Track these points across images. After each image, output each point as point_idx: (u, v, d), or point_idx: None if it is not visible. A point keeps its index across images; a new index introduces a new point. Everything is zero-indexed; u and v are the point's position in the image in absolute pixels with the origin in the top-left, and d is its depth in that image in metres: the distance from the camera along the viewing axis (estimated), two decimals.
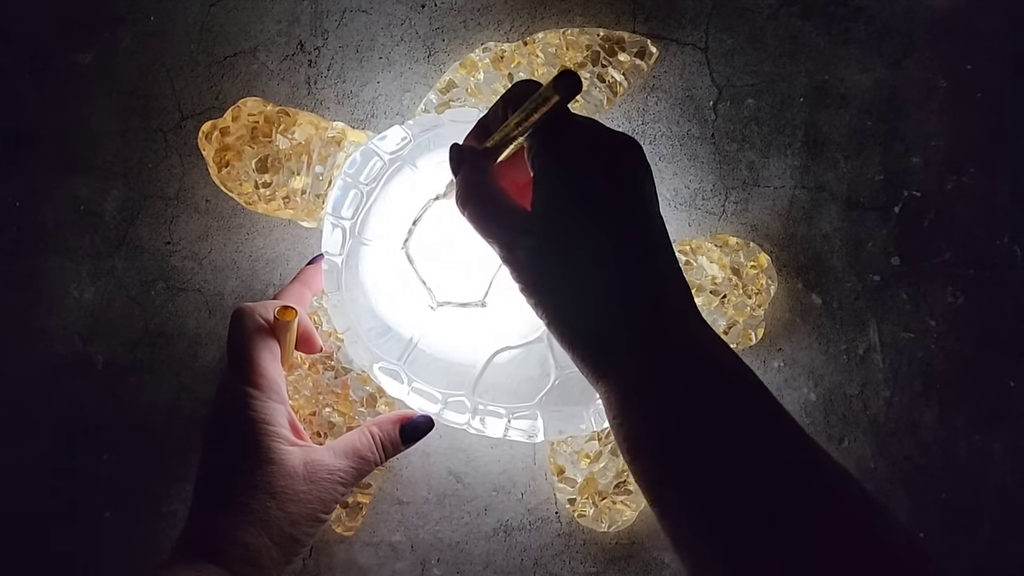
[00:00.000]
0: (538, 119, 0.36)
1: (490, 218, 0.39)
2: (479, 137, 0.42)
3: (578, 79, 0.34)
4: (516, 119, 0.37)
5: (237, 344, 0.44)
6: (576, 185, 0.36)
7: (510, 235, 0.38)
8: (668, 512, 0.34)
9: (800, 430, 0.34)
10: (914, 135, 0.55)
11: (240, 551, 0.41)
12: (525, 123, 0.37)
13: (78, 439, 0.54)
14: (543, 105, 0.35)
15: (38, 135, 0.55)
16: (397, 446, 0.46)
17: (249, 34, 0.55)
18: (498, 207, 0.39)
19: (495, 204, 0.39)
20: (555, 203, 0.37)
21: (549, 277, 0.37)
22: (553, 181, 0.37)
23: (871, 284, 0.54)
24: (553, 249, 0.37)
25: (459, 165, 0.41)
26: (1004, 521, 0.53)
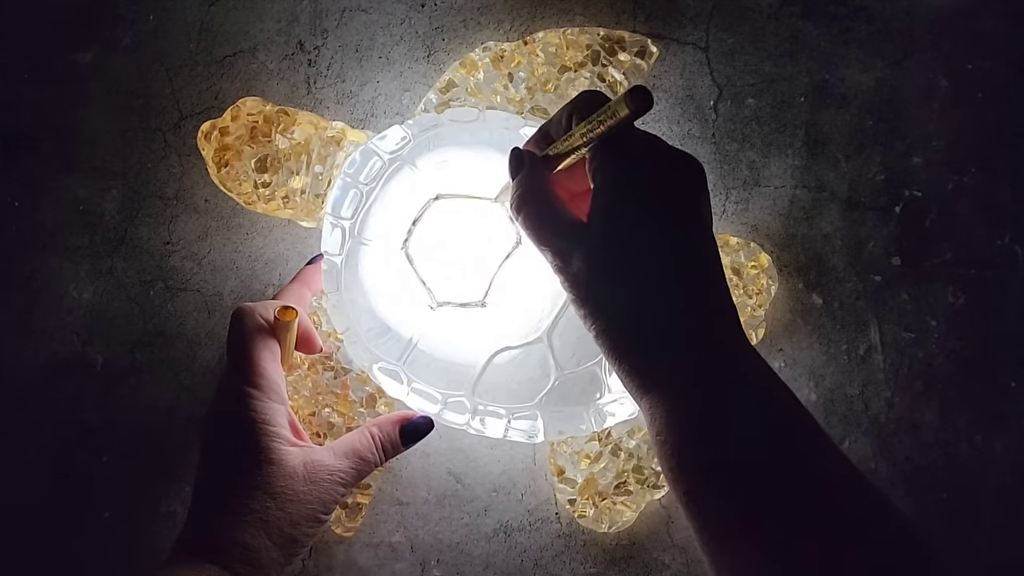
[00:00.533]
0: (604, 132, 0.36)
1: (546, 225, 0.39)
2: (539, 144, 0.42)
3: (650, 95, 0.34)
4: (582, 130, 0.37)
5: (237, 344, 0.44)
6: (637, 200, 0.37)
7: (565, 244, 0.38)
8: (707, 528, 0.34)
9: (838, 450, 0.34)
10: (915, 135, 0.55)
11: (240, 551, 0.41)
12: (591, 135, 0.37)
13: (78, 439, 0.53)
14: (611, 119, 0.35)
15: (37, 135, 0.55)
16: (397, 447, 0.46)
17: (248, 34, 0.55)
18: (554, 215, 0.39)
19: (551, 211, 0.39)
20: (615, 216, 0.37)
21: (602, 289, 0.37)
22: (614, 195, 0.37)
23: (872, 284, 0.54)
24: (608, 262, 0.37)
25: (517, 169, 0.41)
26: (1005, 521, 0.53)
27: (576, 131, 0.38)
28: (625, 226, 0.37)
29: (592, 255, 0.37)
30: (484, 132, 0.49)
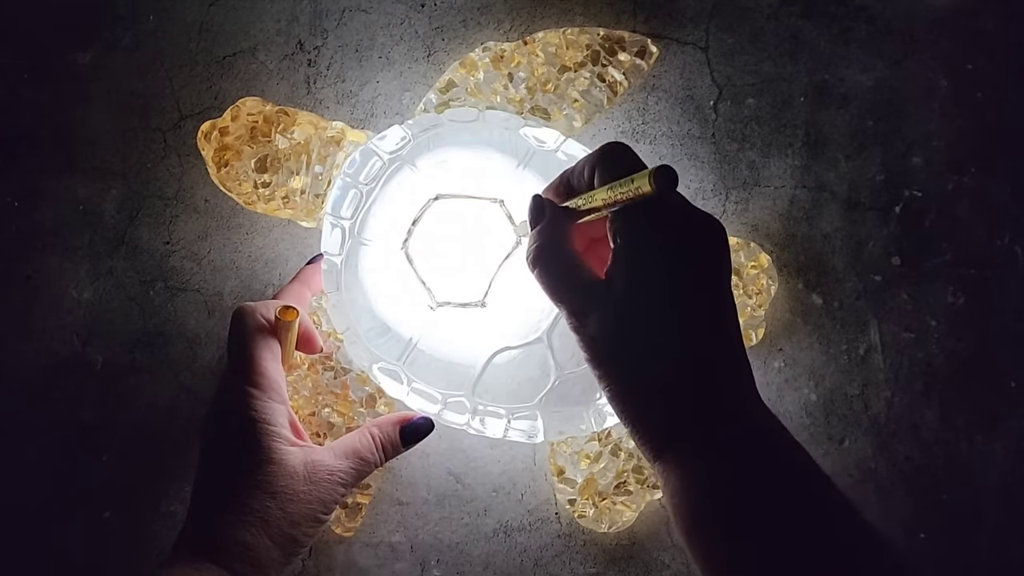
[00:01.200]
0: (626, 202, 0.36)
1: (562, 283, 0.39)
2: (559, 191, 0.41)
3: (675, 176, 0.34)
4: (603, 195, 0.37)
5: (238, 344, 0.44)
6: (657, 266, 0.36)
7: (581, 304, 0.38)
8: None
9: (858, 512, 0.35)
10: (915, 135, 0.55)
11: (240, 551, 0.41)
12: (612, 202, 0.37)
13: (78, 439, 0.54)
14: (634, 194, 0.35)
15: (37, 135, 0.55)
16: (397, 447, 0.46)
17: (248, 34, 0.55)
18: (572, 272, 0.39)
19: (569, 269, 0.39)
20: (634, 282, 0.36)
21: (618, 354, 0.37)
22: (634, 259, 0.37)
23: (872, 284, 0.54)
24: (625, 328, 0.36)
25: (537, 220, 0.41)
26: (1005, 521, 0.53)
27: (597, 194, 0.38)
28: (644, 292, 0.36)
29: (609, 318, 0.37)
30: (484, 132, 0.49)
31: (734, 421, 0.36)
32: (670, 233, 0.37)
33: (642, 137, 0.54)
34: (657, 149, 0.54)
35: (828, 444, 0.53)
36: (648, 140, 0.55)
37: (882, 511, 0.53)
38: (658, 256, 0.36)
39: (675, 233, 0.37)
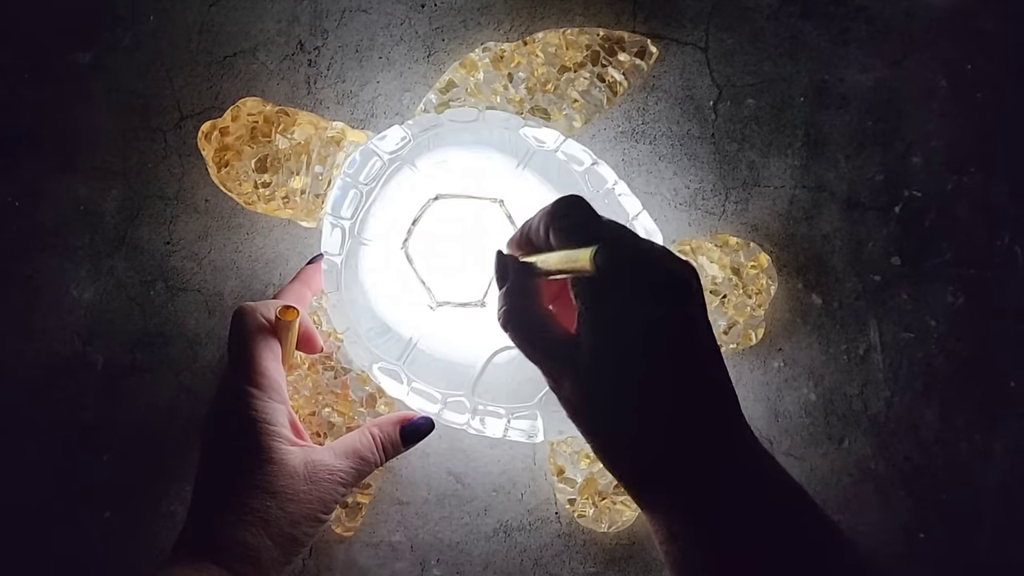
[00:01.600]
0: (575, 273, 0.36)
1: (534, 344, 0.39)
2: (520, 245, 0.41)
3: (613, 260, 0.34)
4: (555, 263, 0.37)
5: (238, 343, 0.44)
6: (620, 326, 0.36)
7: (554, 365, 0.38)
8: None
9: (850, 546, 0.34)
10: (914, 135, 0.55)
11: (240, 550, 0.41)
12: (563, 271, 0.36)
13: (78, 438, 0.54)
14: (576, 270, 0.35)
15: (38, 135, 0.55)
16: (397, 447, 0.46)
17: (249, 34, 0.55)
18: (541, 333, 0.38)
19: (538, 330, 0.39)
20: (599, 345, 0.36)
21: (593, 414, 0.37)
22: (597, 323, 0.36)
23: (871, 284, 0.54)
24: (597, 388, 0.36)
25: (502, 280, 0.40)
26: (1004, 521, 0.53)
27: (550, 260, 0.37)
28: (611, 354, 0.36)
29: (580, 382, 0.36)
30: (484, 132, 0.49)
31: (717, 469, 0.35)
32: (631, 291, 0.35)
33: (642, 137, 0.55)
34: (657, 149, 0.55)
35: (827, 444, 0.53)
36: (648, 140, 0.55)
37: (881, 511, 0.53)
38: (619, 316, 0.36)
39: (637, 290, 0.36)
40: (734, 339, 0.51)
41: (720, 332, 0.51)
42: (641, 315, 0.35)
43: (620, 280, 0.35)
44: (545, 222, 0.38)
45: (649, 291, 0.36)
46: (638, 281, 0.36)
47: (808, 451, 0.53)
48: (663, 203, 0.54)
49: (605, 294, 0.36)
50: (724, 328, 0.51)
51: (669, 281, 0.36)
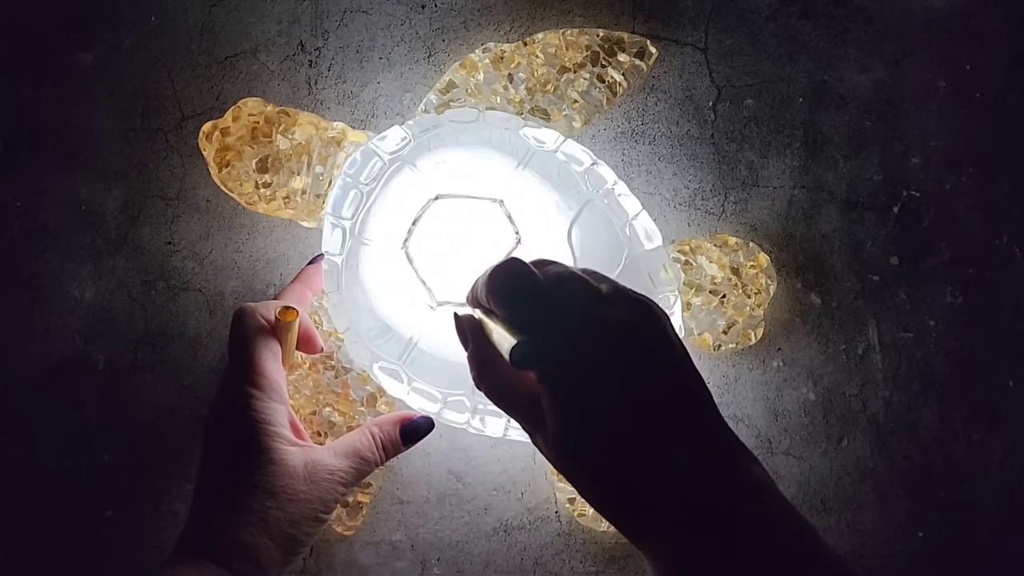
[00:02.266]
0: None
1: (505, 406, 0.39)
2: (474, 303, 0.41)
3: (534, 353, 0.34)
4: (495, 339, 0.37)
5: (238, 344, 0.44)
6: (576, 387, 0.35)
7: (527, 423, 0.38)
8: None
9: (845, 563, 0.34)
10: (913, 135, 0.55)
11: (240, 550, 0.41)
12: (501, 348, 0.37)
13: (79, 438, 0.54)
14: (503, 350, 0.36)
15: (39, 135, 0.55)
16: (397, 447, 0.47)
17: (250, 34, 0.55)
18: (509, 396, 0.38)
19: (505, 393, 0.39)
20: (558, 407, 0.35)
21: (570, 469, 0.36)
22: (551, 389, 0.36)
23: (870, 284, 0.54)
24: (564, 446, 0.36)
25: (464, 343, 0.41)
26: (1003, 520, 0.53)
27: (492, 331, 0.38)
28: (572, 416, 0.35)
29: (549, 440, 0.36)
30: (484, 133, 0.49)
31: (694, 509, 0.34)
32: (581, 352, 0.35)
33: (641, 138, 0.55)
34: (656, 149, 0.55)
35: (827, 443, 0.53)
36: (647, 140, 0.55)
37: (880, 510, 0.53)
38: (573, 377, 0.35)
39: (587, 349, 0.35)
40: (733, 339, 0.52)
41: (719, 332, 0.51)
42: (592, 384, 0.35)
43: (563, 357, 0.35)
44: (485, 288, 0.38)
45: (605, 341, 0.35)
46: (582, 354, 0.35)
47: (807, 450, 0.53)
48: (662, 203, 0.54)
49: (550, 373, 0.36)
50: (723, 328, 0.51)
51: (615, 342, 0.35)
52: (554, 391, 0.36)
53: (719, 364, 0.54)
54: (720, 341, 0.52)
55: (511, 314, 0.37)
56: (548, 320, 0.36)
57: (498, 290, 0.37)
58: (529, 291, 0.36)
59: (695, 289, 0.51)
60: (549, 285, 0.36)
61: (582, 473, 0.36)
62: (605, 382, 0.35)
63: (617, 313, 0.36)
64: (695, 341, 0.52)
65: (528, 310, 0.36)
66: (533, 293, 0.36)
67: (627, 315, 0.36)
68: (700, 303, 0.51)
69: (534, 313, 0.36)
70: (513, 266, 0.37)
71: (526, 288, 0.36)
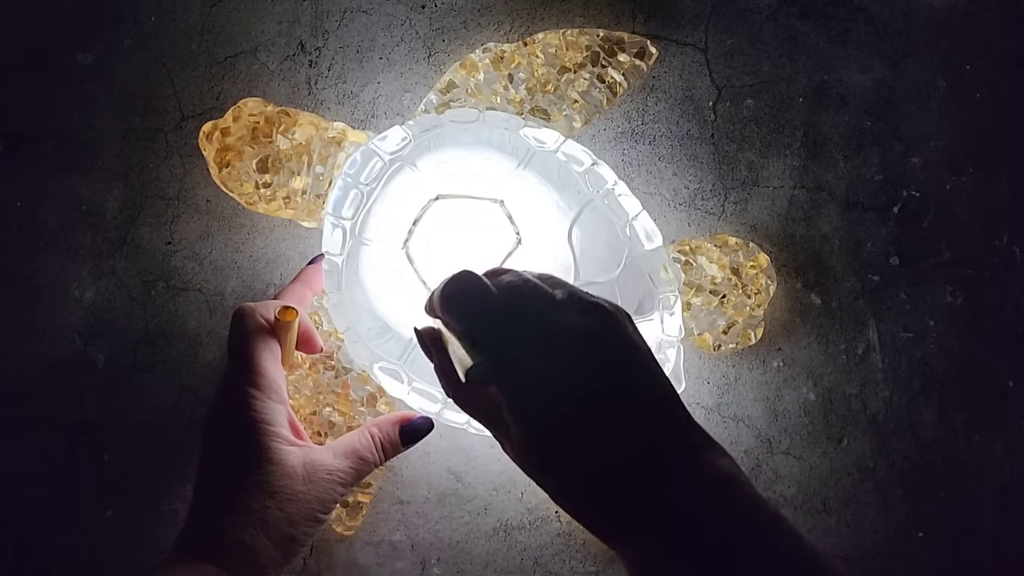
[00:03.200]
0: None
1: (474, 412, 0.40)
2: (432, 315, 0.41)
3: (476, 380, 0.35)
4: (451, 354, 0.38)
5: (238, 344, 0.44)
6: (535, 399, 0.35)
7: (495, 433, 0.39)
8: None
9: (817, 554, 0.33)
10: (913, 135, 0.55)
11: (239, 551, 0.41)
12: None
13: (78, 439, 0.54)
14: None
15: (39, 135, 0.55)
16: (397, 447, 0.47)
17: (250, 34, 0.55)
18: (478, 405, 0.40)
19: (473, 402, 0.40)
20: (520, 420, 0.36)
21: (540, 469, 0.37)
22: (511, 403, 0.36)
23: (870, 284, 0.54)
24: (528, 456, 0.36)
25: (428, 355, 0.41)
26: (1003, 520, 0.53)
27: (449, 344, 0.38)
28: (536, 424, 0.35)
29: (516, 448, 0.37)
30: (484, 133, 0.49)
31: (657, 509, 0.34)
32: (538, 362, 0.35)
33: (641, 138, 0.55)
34: (656, 150, 0.55)
35: (827, 443, 0.53)
36: (647, 141, 0.55)
37: (880, 510, 0.53)
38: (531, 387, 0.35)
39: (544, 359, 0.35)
40: (733, 339, 0.52)
41: (720, 332, 0.51)
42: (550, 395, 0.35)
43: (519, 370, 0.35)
44: (437, 301, 0.38)
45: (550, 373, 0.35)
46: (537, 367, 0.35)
47: (807, 450, 0.53)
48: (663, 203, 0.54)
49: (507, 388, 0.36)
50: (723, 328, 0.51)
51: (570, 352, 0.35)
52: (514, 402, 0.36)
53: (719, 364, 0.54)
54: (720, 341, 0.52)
55: (464, 329, 0.37)
56: (501, 335, 0.36)
57: (450, 305, 0.37)
58: (481, 305, 0.36)
59: (695, 289, 0.51)
60: (502, 296, 0.36)
61: (549, 479, 0.36)
62: (564, 390, 0.35)
63: (573, 319, 0.36)
64: (695, 341, 0.52)
65: (481, 325, 0.36)
66: (485, 307, 0.36)
67: (583, 320, 0.36)
68: (700, 303, 0.51)
69: (486, 328, 0.36)
70: (464, 279, 0.37)
71: (478, 302, 0.36)
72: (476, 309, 0.36)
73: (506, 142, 0.49)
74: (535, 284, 0.37)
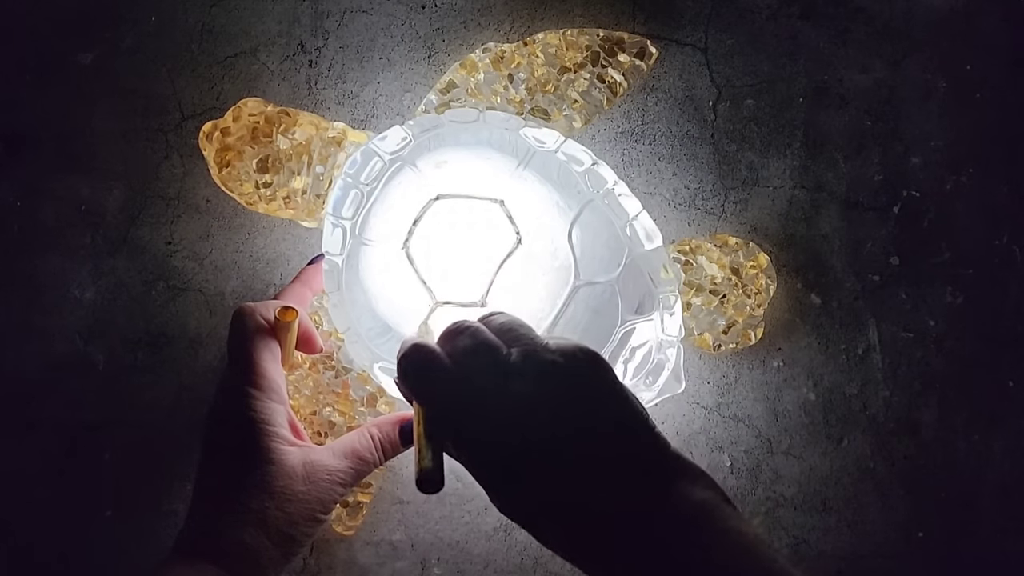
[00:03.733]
0: None
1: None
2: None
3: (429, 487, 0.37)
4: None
5: (237, 344, 0.44)
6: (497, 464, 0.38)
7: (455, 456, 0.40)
8: None
9: None
10: (913, 135, 0.55)
11: (238, 551, 0.41)
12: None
13: (78, 439, 0.54)
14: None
15: (39, 135, 0.55)
16: (396, 447, 0.46)
17: (250, 34, 0.55)
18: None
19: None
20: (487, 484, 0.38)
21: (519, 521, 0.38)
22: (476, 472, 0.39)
23: (870, 284, 0.54)
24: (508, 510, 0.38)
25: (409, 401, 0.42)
26: (1003, 521, 0.53)
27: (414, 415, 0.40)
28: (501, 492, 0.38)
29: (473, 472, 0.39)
30: (484, 133, 0.49)
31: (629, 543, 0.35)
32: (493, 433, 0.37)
33: (641, 138, 0.55)
34: (656, 149, 0.55)
35: (827, 444, 0.53)
36: (647, 140, 0.55)
37: (881, 510, 0.53)
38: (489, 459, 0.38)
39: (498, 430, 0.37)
40: (733, 339, 0.52)
41: (720, 332, 0.51)
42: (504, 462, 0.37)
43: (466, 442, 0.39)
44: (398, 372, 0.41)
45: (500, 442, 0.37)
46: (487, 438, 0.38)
47: (807, 451, 0.53)
48: (663, 203, 0.54)
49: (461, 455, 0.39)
50: (723, 328, 0.51)
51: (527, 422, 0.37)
52: (476, 476, 0.39)
53: (719, 364, 0.54)
54: (720, 341, 0.52)
55: (421, 403, 0.40)
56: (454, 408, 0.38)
57: (407, 378, 0.40)
58: (433, 378, 0.39)
59: (695, 289, 0.51)
60: (453, 369, 0.39)
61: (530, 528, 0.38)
62: (520, 456, 0.37)
63: (525, 388, 0.37)
64: (695, 341, 0.52)
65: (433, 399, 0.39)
66: (436, 379, 0.39)
67: (536, 388, 0.37)
68: (700, 303, 0.51)
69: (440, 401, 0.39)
70: (417, 352, 0.39)
71: (429, 376, 0.39)
72: (428, 382, 0.39)
73: (506, 142, 0.49)
74: (489, 348, 0.39)
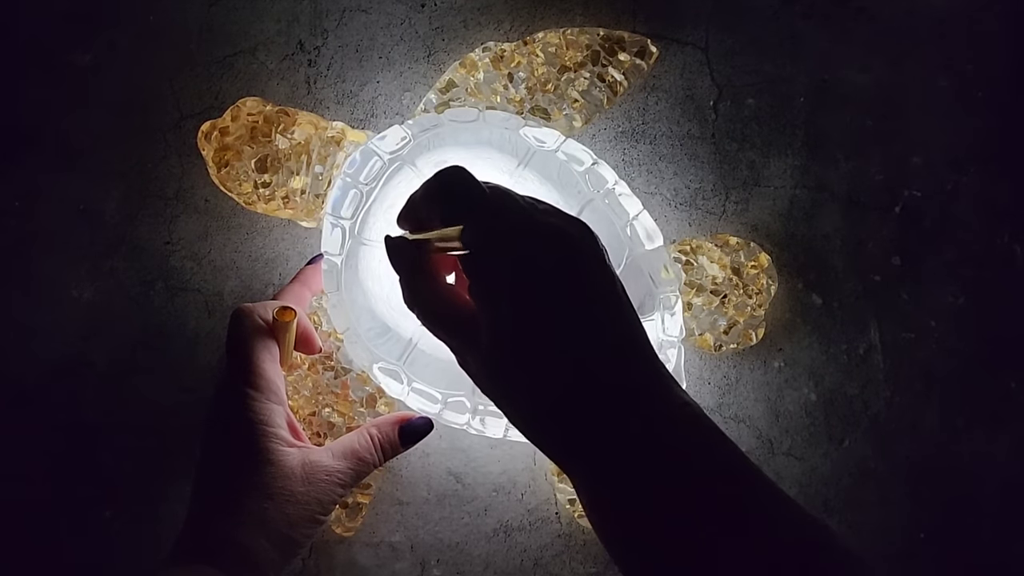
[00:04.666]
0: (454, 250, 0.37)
1: (437, 327, 0.39)
2: (409, 218, 0.41)
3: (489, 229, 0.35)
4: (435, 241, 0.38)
5: (236, 345, 0.44)
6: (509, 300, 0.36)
7: (459, 347, 0.38)
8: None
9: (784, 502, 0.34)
10: (914, 135, 0.55)
11: (237, 552, 0.41)
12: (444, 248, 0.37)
13: (78, 439, 0.54)
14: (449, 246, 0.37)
15: (38, 135, 0.55)
16: (396, 448, 0.46)
17: (248, 34, 0.55)
18: (442, 314, 0.39)
19: (439, 311, 0.39)
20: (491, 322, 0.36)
21: (496, 389, 0.37)
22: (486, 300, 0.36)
23: (872, 284, 0.54)
24: (496, 366, 0.36)
25: (398, 265, 0.41)
26: (1005, 521, 0.53)
27: (431, 237, 0.38)
28: (505, 331, 0.36)
29: (481, 361, 0.37)
30: (484, 132, 0.49)
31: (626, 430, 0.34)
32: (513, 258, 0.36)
33: (642, 137, 0.55)
34: (657, 149, 0.55)
35: (828, 444, 0.53)
36: (648, 140, 0.55)
37: (882, 511, 0.53)
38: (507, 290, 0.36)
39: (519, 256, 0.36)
40: (734, 339, 0.51)
41: (720, 332, 0.51)
42: (528, 280, 0.36)
43: (501, 248, 0.36)
44: (425, 197, 0.39)
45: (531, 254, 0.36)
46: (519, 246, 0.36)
47: (808, 451, 0.53)
48: (663, 203, 0.54)
49: (489, 266, 0.36)
50: (724, 328, 0.51)
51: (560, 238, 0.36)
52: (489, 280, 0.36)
53: (720, 364, 0.54)
54: (721, 341, 0.51)
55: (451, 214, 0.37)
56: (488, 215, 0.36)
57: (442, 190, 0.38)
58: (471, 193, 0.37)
59: (696, 289, 0.51)
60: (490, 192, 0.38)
61: (514, 391, 0.36)
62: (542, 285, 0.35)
63: (555, 221, 0.37)
64: (696, 341, 0.52)
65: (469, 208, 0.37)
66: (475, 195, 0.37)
67: (567, 225, 0.37)
68: (701, 303, 0.51)
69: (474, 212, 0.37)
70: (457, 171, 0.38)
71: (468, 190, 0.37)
72: (466, 195, 0.37)
73: (506, 141, 0.49)
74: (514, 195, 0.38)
